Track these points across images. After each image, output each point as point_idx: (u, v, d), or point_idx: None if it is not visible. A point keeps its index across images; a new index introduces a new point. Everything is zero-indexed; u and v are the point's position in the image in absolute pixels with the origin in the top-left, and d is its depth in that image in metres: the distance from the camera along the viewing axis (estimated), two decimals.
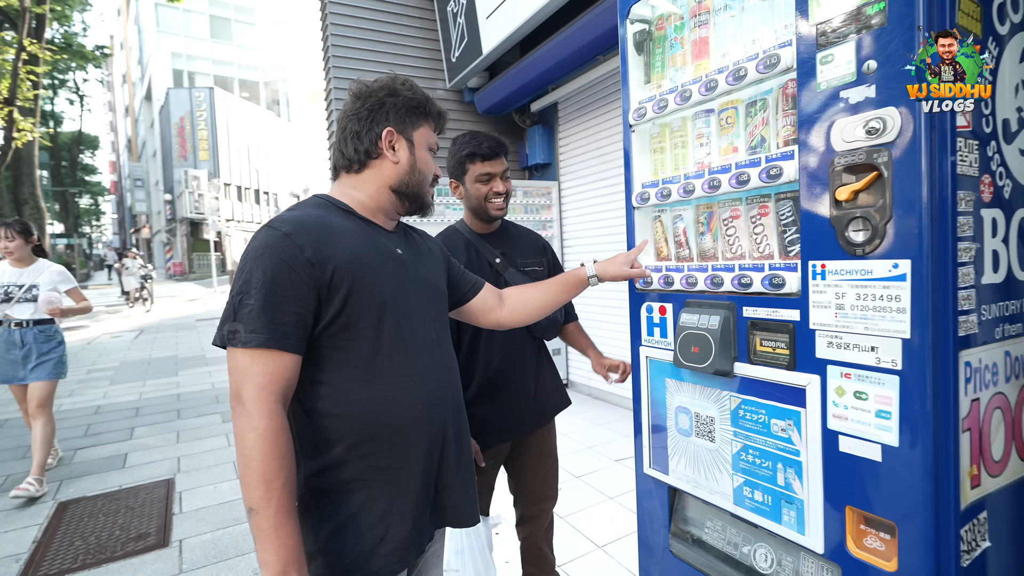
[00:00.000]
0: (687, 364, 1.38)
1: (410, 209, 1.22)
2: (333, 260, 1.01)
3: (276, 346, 0.96)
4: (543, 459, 1.90)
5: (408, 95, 1.16)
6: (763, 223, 1.30)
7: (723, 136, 1.38)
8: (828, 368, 1.13)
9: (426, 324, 1.15)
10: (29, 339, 3.52)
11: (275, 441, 0.93)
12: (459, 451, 1.21)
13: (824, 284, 1.12)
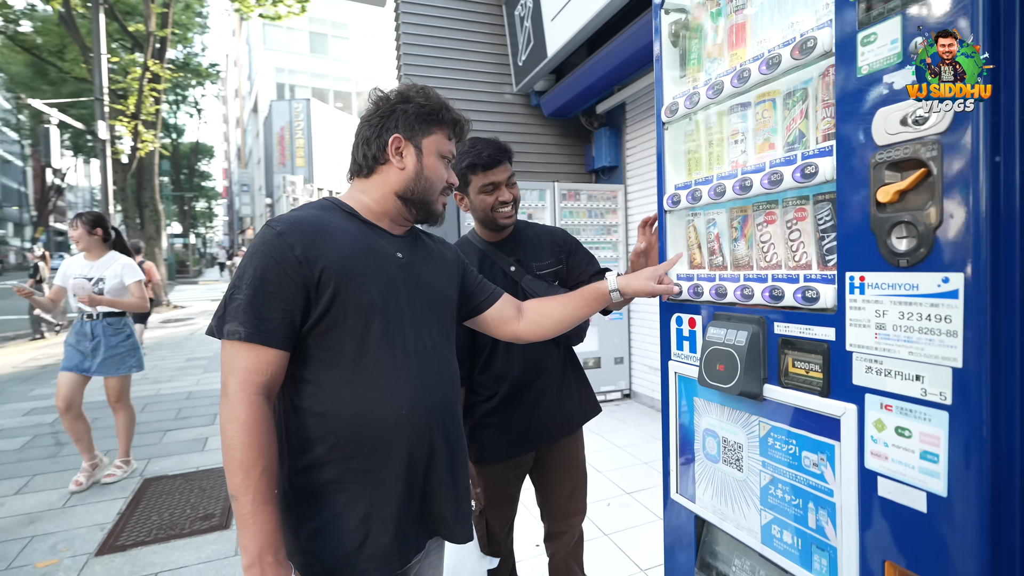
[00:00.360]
0: (711, 383, 1.25)
1: (418, 217, 1.21)
2: (322, 259, 1.02)
3: (260, 341, 0.98)
4: (569, 472, 1.81)
5: (420, 102, 1.16)
6: (800, 228, 1.15)
7: (759, 132, 1.24)
8: (866, 397, 0.97)
9: (420, 329, 1.14)
10: (99, 331, 3.52)
11: (254, 431, 0.96)
12: (450, 462, 1.17)
13: (863, 299, 0.97)
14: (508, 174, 1.66)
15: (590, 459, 3.81)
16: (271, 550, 0.94)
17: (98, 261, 3.57)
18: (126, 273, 3.59)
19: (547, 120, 5.64)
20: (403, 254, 1.16)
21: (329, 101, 35.29)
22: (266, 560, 0.93)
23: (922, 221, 0.87)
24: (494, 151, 1.63)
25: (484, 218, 1.68)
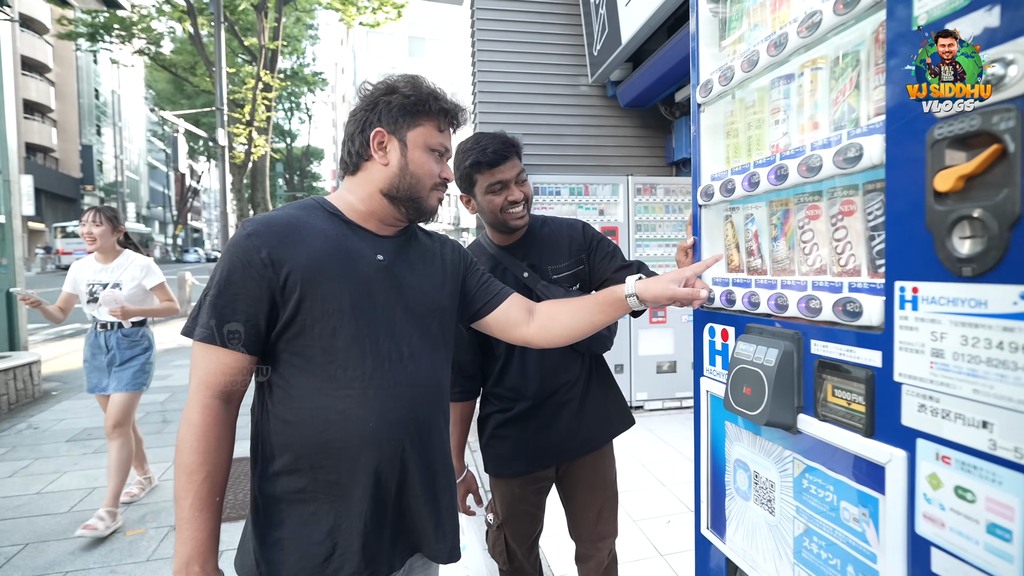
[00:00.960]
0: (737, 408, 1.06)
1: (408, 215, 1.13)
2: (289, 262, 0.98)
3: (219, 343, 0.97)
4: (595, 491, 1.66)
5: (405, 92, 1.08)
6: (846, 225, 0.93)
7: (802, 109, 1.03)
8: (918, 443, 0.76)
9: (398, 337, 1.07)
10: (113, 344, 3.03)
11: (204, 435, 0.95)
12: (428, 479, 1.09)
13: (916, 317, 0.75)
14: (517, 171, 1.51)
15: (655, 470, 3.58)
16: (199, 559, 0.94)
17: (112, 264, 3.05)
18: (147, 276, 3.10)
19: (624, 111, 5.39)
20: (385, 256, 1.09)
21: None
22: (192, 569, 0.93)
23: (994, 216, 0.65)
24: (500, 146, 1.49)
25: (494, 220, 1.55)
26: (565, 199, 4.74)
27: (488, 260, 1.61)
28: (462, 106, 1.16)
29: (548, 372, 1.57)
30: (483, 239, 1.67)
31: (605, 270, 1.60)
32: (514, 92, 5.23)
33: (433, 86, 1.12)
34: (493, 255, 1.61)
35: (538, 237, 1.63)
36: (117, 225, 3.06)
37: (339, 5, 15.80)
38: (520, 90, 5.25)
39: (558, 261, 1.60)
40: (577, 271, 1.61)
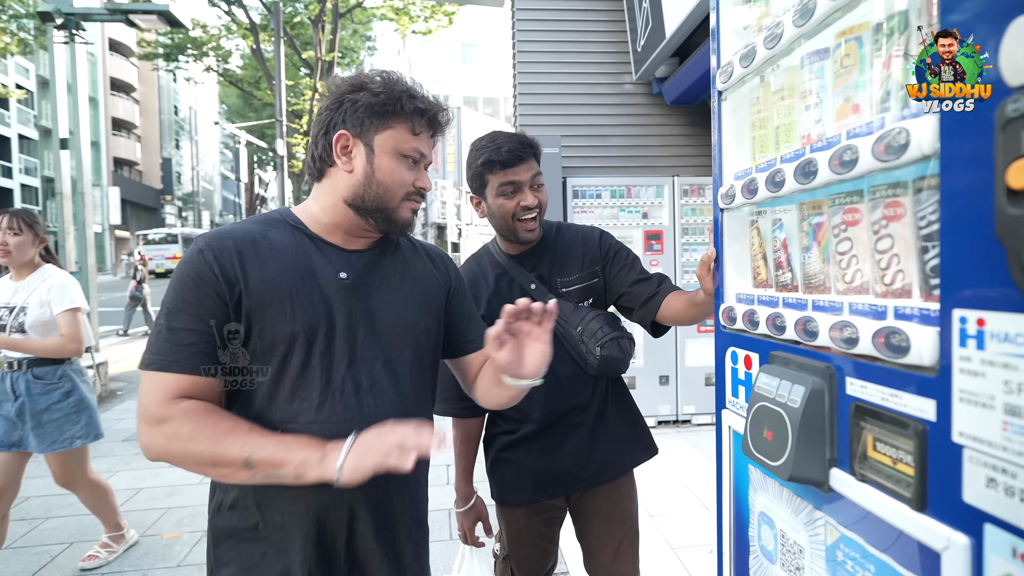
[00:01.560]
0: (757, 456, 0.87)
1: (378, 227, 1.01)
2: (240, 282, 0.90)
3: (175, 369, 0.87)
4: (612, 526, 1.49)
5: (374, 90, 0.96)
6: (892, 233, 0.74)
7: (838, 89, 0.84)
8: (987, 530, 0.56)
9: (358, 365, 0.95)
10: (22, 388, 2.30)
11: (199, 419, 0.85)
12: (387, 529, 0.97)
13: (981, 358, 0.56)
14: (532, 173, 1.37)
15: (699, 492, 3.32)
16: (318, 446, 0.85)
17: (25, 281, 2.36)
18: (55, 299, 2.31)
19: (670, 109, 5.12)
20: (350, 274, 0.98)
21: (479, 108, 36.96)
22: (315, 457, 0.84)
23: None
24: (516, 145, 1.36)
25: (503, 227, 1.41)
26: (606, 202, 4.54)
27: (494, 269, 1.48)
28: (442, 106, 1.03)
29: (556, 394, 1.43)
30: (492, 246, 1.54)
31: (622, 283, 1.44)
32: (555, 93, 5.08)
33: (410, 83, 1.00)
34: (500, 263, 1.48)
35: (551, 246, 1.49)
36: (39, 233, 2.39)
37: (393, 15, 16.14)
38: (561, 90, 5.09)
39: (568, 273, 1.45)
40: (590, 284, 1.45)
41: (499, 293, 1.43)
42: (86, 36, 7.17)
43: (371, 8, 16.36)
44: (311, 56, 15.17)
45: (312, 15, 15.15)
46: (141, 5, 7.03)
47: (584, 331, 1.38)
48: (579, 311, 1.40)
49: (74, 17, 6.76)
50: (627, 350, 1.42)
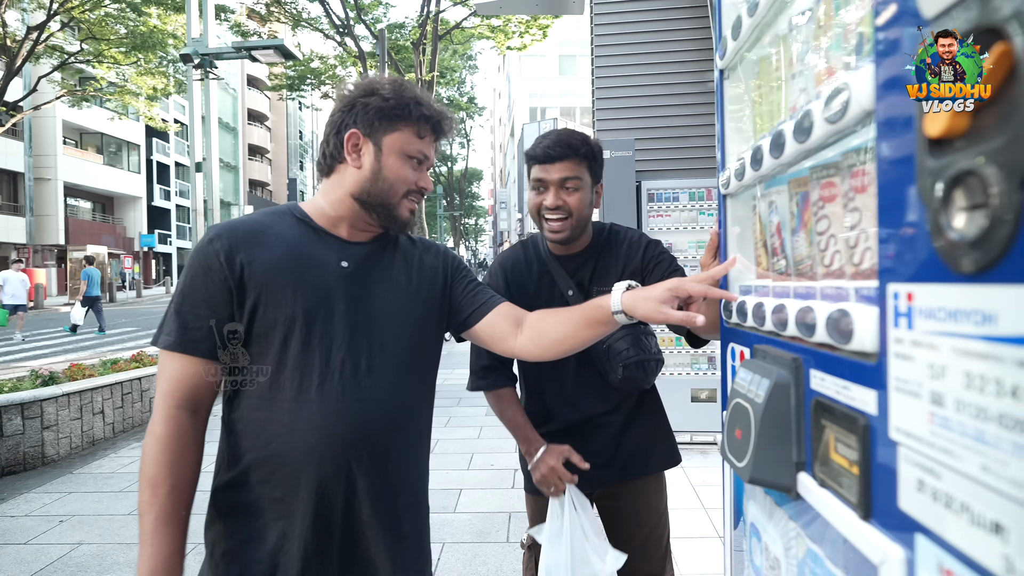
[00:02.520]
0: (728, 456, 0.80)
1: (380, 222, 1.06)
2: (246, 268, 0.97)
3: (182, 349, 0.96)
4: (640, 517, 1.44)
5: (384, 95, 1.02)
6: (859, 206, 0.65)
7: (816, 49, 0.75)
8: (917, 541, 0.47)
9: (356, 348, 1.00)
10: None
11: (167, 447, 0.93)
12: (384, 504, 1.01)
13: (911, 339, 0.48)
14: (563, 175, 1.32)
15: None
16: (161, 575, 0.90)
17: None
18: None
19: None
20: (351, 263, 1.03)
21: (576, 118, 36.98)
22: None
23: (998, 167, 0.38)
24: (552, 143, 1.32)
25: (535, 221, 1.40)
26: (684, 204, 4.35)
27: (537, 266, 1.46)
28: (447, 114, 1.09)
29: (583, 397, 1.41)
30: (540, 237, 1.50)
31: None
32: (632, 96, 4.98)
33: (417, 92, 1.06)
34: (544, 261, 1.45)
35: (596, 253, 1.44)
36: None
37: (489, 33, 16.68)
38: (639, 92, 4.97)
39: (607, 283, 1.38)
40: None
41: (539, 293, 1.41)
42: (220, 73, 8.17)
43: (469, 28, 17.01)
44: (412, 77, 16.08)
45: (413, 39, 16.07)
46: (260, 42, 7.89)
47: (610, 349, 1.35)
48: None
49: (208, 56, 7.73)
50: (651, 373, 1.37)
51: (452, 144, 36.97)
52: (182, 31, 15.17)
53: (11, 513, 3.26)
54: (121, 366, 5.18)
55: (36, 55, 16.23)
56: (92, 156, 26.59)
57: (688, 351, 4.19)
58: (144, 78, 17.33)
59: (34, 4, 16.35)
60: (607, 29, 5.09)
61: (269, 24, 17.87)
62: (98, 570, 2.61)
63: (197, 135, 7.96)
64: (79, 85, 18.61)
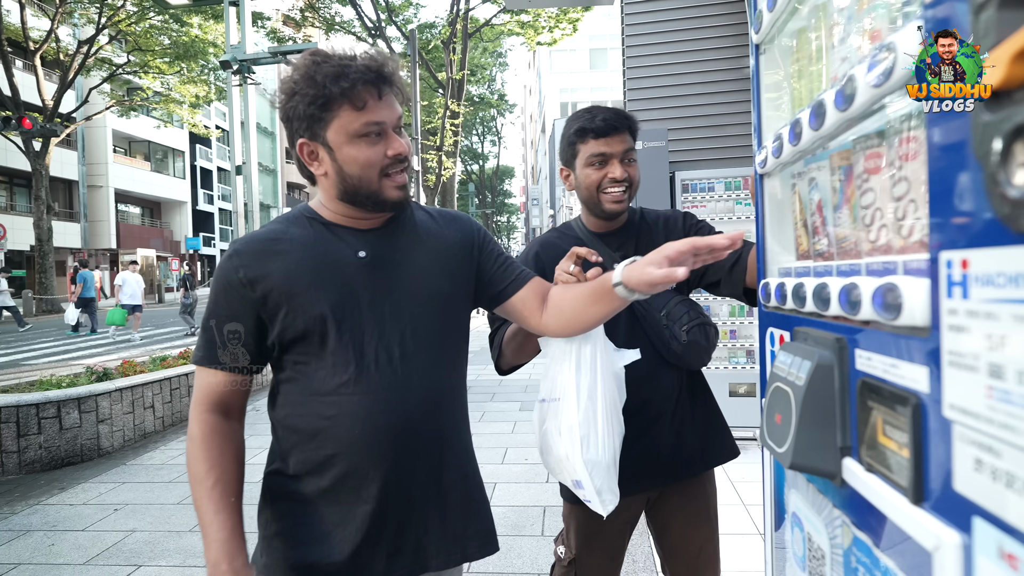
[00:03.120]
0: (768, 442, 0.77)
1: (376, 210, 1.03)
2: (266, 279, 0.99)
3: (208, 364, 1.01)
4: (697, 522, 1.39)
5: (301, 92, 0.94)
6: (907, 175, 0.61)
7: (860, 14, 0.72)
8: (975, 524, 0.44)
9: (387, 337, 1.01)
10: None
11: (204, 445, 0.99)
12: (433, 483, 1.04)
13: (967, 309, 0.45)
14: (625, 146, 1.32)
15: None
16: (226, 559, 0.94)
17: None
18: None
19: None
20: (368, 251, 1.02)
21: None
22: (220, 569, 0.94)
23: None
24: (611, 115, 1.31)
25: (588, 199, 1.36)
26: (720, 195, 4.25)
27: (569, 233, 1.43)
28: (376, 58, 0.95)
29: (634, 381, 1.35)
30: (575, 223, 1.48)
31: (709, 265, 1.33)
32: (665, 86, 4.88)
33: (333, 62, 0.93)
34: (581, 239, 1.41)
35: (635, 227, 1.42)
36: None
37: (519, 29, 16.66)
38: (672, 82, 4.87)
39: None
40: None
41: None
42: (257, 78, 8.41)
43: (498, 25, 17.02)
44: (443, 77, 16.21)
45: (443, 38, 16.19)
46: (294, 46, 8.08)
47: (669, 315, 1.31)
48: (663, 294, 1.32)
49: (246, 62, 7.97)
50: (712, 339, 1.32)
51: (483, 142, 37.09)
52: (222, 39, 15.66)
53: (70, 501, 3.43)
54: (169, 363, 5.40)
55: (87, 68, 17.06)
56: (140, 163, 27.78)
57: (725, 344, 4.10)
58: (187, 86, 18.01)
59: (84, 19, 17.16)
60: (638, 19, 5.01)
61: (303, 29, 18.27)
62: (150, 556, 2.72)
63: (237, 140, 8.21)
64: (127, 95, 19.45)
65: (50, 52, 16.81)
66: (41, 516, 3.22)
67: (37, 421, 4.01)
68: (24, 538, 2.94)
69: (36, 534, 2.99)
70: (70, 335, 12.37)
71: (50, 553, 2.77)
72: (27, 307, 16.83)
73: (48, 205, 16.72)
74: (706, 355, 1.34)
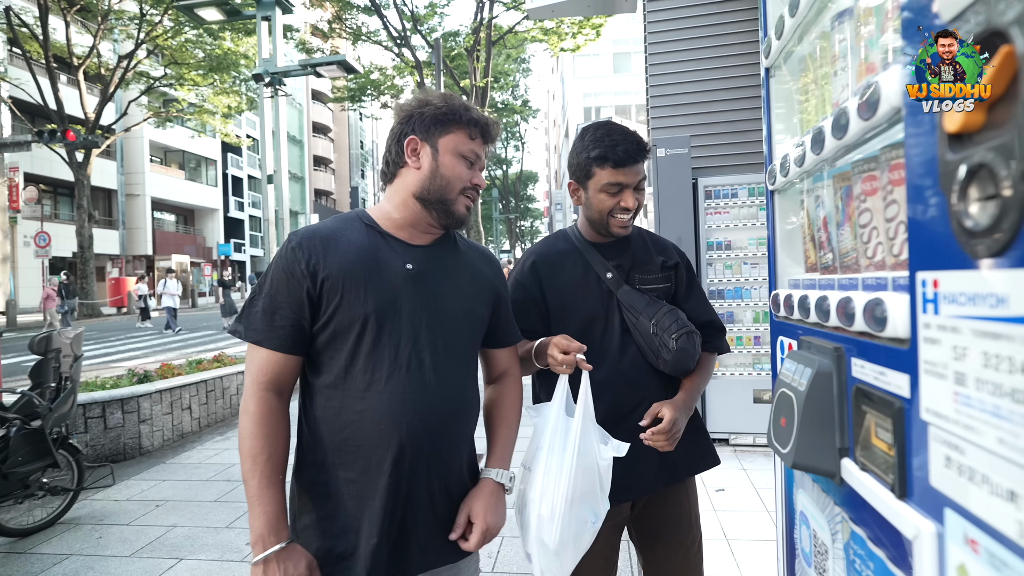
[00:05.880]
0: (774, 444, 0.83)
1: (440, 219, 1.14)
2: (326, 270, 1.08)
3: (267, 344, 1.08)
4: (683, 530, 1.42)
5: (438, 105, 1.13)
6: (897, 198, 0.67)
7: (858, 46, 0.77)
8: (947, 515, 0.50)
9: (420, 344, 1.09)
10: None
11: (261, 421, 1.06)
12: (443, 481, 1.11)
13: (938, 324, 0.50)
14: (639, 177, 1.37)
15: None
16: (272, 530, 1.01)
17: None
18: None
19: None
20: (415, 265, 1.12)
21: (632, 116, 36.43)
22: (268, 540, 1.00)
23: (1004, 159, 0.41)
24: (632, 147, 1.33)
25: (597, 220, 1.42)
26: (743, 201, 4.25)
27: (572, 253, 1.48)
28: (494, 120, 1.18)
29: (625, 389, 1.40)
30: (571, 231, 1.53)
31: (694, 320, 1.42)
32: (688, 92, 4.91)
33: (465, 101, 1.16)
34: (577, 248, 1.47)
35: (633, 243, 1.47)
36: None
37: (542, 36, 16.78)
38: (695, 88, 4.90)
39: (648, 271, 1.43)
40: (665, 288, 1.44)
41: (574, 279, 1.44)
42: (287, 89, 8.67)
43: (522, 32, 17.17)
44: (467, 84, 16.40)
45: (467, 46, 16.41)
46: (324, 59, 8.31)
47: (659, 324, 1.35)
48: (654, 304, 1.37)
49: (277, 75, 8.22)
50: (697, 346, 1.36)
51: (507, 147, 37.28)
52: (253, 52, 16.17)
53: (115, 497, 3.61)
54: (204, 366, 5.61)
55: (126, 81, 17.75)
56: (175, 172, 28.72)
57: (750, 350, 4.09)
58: (220, 97, 18.60)
59: (124, 35, 17.89)
60: (660, 26, 5.05)
61: (331, 40, 18.72)
62: (190, 550, 2.86)
63: (268, 149, 8.46)
64: (163, 107, 20.18)
65: (92, 67, 17.58)
66: (88, 510, 3.40)
67: (84, 420, 4.22)
68: (74, 531, 3.11)
69: (85, 527, 3.16)
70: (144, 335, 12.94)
71: (98, 545, 2.94)
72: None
73: (89, 213, 17.43)
74: (692, 362, 1.37)
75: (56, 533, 3.12)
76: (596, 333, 1.38)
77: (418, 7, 16.55)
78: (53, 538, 3.05)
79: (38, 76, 16.36)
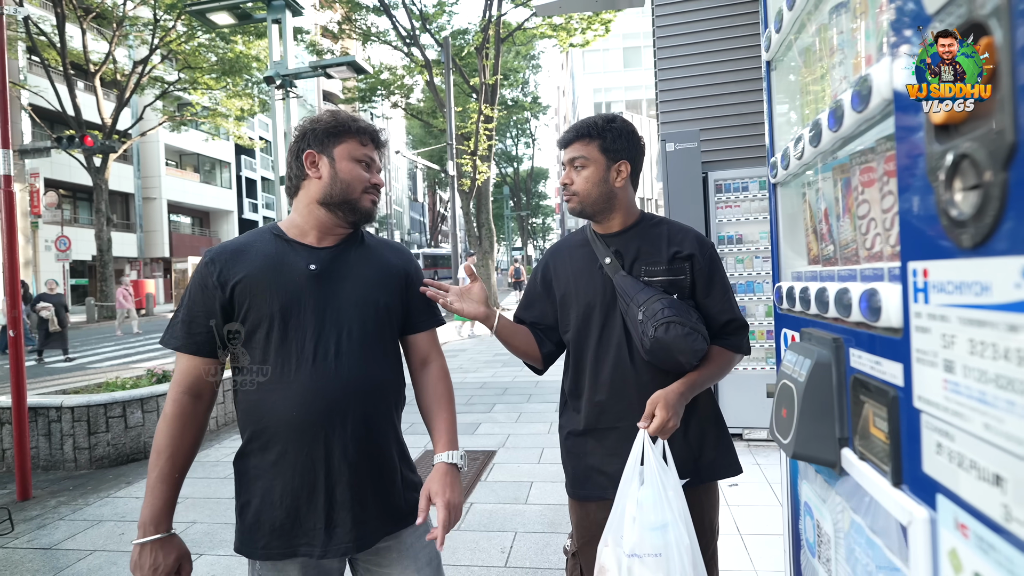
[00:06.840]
0: (775, 435, 0.84)
1: (346, 218, 1.25)
2: (235, 278, 1.18)
3: (185, 350, 1.19)
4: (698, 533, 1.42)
5: (327, 120, 1.24)
6: (892, 188, 0.67)
7: (854, 38, 0.78)
8: (939, 501, 0.51)
9: (327, 337, 1.19)
10: None
11: (171, 422, 1.16)
12: (364, 458, 1.18)
13: (928, 313, 0.51)
14: (572, 155, 1.41)
15: None
16: (155, 521, 1.12)
17: None
18: None
19: None
20: (319, 265, 1.22)
21: (643, 110, 36.19)
22: (148, 529, 1.11)
23: (985, 149, 0.41)
24: (569, 127, 1.44)
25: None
26: (754, 194, 4.22)
27: (583, 245, 1.49)
28: (380, 128, 1.31)
29: (623, 386, 1.36)
30: (587, 226, 1.54)
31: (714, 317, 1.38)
32: (697, 86, 4.88)
33: (351, 115, 1.27)
34: (584, 238, 1.51)
35: (641, 234, 1.43)
36: None
37: (551, 32, 16.72)
38: (704, 82, 4.87)
39: (657, 264, 1.39)
40: (673, 279, 1.37)
41: (572, 261, 1.47)
42: (298, 91, 8.75)
43: (531, 29, 17.13)
44: (476, 82, 16.42)
45: (476, 44, 16.42)
46: (334, 60, 8.37)
47: (646, 311, 1.29)
48: (646, 291, 1.32)
49: (288, 77, 8.30)
50: (691, 344, 1.25)
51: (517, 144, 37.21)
52: (264, 55, 16.32)
53: (135, 495, 3.69)
54: None
55: (141, 86, 18.03)
56: (190, 175, 29.11)
57: (762, 345, 4.07)
58: (232, 100, 18.82)
59: (139, 40, 18.16)
60: (669, 20, 5.02)
61: (341, 41, 18.83)
62: (209, 546, 2.92)
63: (281, 151, 8.56)
64: (178, 111, 20.47)
65: (108, 73, 17.88)
66: (111, 507, 3.48)
67: (105, 420, 4.32)
68: (97, 527, 3.19)
69: (107, 524, 3.24)
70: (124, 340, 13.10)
71: (121, 541, 3.01)
72: (89, 313, 17.89)
73: (108, 217, 17.75)
74: (673, 355, 1.28)
75: (80, 529, 3.20)
76: (596, 319, 1.39)
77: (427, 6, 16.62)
78: (77, 534, 3.13)
79: (56, 83, 16.67)
